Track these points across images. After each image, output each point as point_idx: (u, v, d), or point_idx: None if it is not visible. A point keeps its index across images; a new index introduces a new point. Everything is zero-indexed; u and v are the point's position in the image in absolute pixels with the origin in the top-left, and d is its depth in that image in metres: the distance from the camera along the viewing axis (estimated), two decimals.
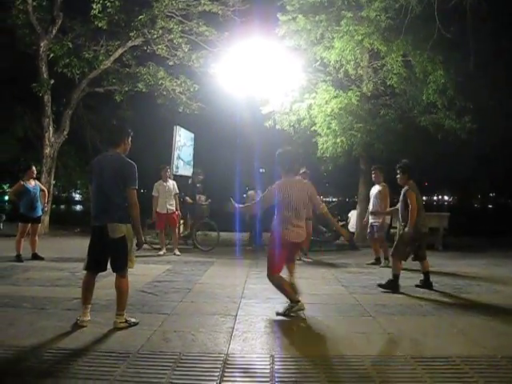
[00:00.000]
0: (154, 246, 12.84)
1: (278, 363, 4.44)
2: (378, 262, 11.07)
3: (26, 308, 6.25)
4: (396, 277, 8.04)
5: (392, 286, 7.96)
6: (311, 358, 4.58)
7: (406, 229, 8.03)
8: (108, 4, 16.17)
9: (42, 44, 16.76)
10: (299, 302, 6.28)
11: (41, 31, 16.71)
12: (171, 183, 12.60)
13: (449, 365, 4.41)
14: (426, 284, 8.26)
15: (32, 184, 10.97)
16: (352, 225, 16.13)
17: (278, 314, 6.22)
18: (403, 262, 8.30)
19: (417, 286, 8.30)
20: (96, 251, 5.53)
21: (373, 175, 11.31)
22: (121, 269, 5.49)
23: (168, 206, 12.35)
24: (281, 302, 6.84)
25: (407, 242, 8.06)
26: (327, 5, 14.52)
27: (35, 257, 10.84)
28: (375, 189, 11.17)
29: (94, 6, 16.11)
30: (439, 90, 13.67)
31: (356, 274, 9.62)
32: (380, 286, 8.06)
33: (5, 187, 39.67)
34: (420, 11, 13.20)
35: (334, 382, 4.05)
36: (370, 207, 11.16)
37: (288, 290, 6.34)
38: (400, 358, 4.59)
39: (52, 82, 17.21)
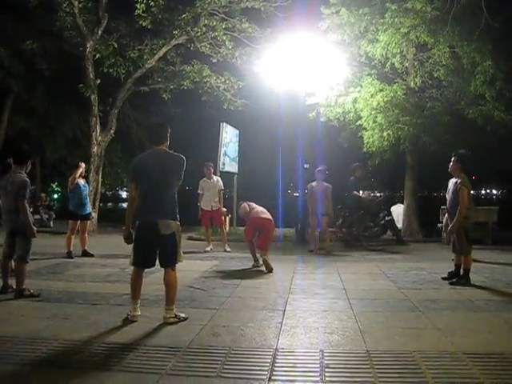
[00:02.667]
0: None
1: (328, 358, 4.40)
2: None
3: (78, 303, 6.40)
4: (467, 271, 7.96)
5: (464, 279, 7.90)
6: (361, 353, 4.54)
7: (451, 224, 7.93)
8: (152, 3, 16.41)
9: (88, 45, 17.07)
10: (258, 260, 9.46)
11: (86, 32, 17.03)
12: (215, 179, 12.60)
13: (503, 362, 4.28)
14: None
15: (82, 181, 11.20)
16: (397, 219, 15.93)
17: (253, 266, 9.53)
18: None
19: (444, 278, 8.24)
20: (144, 247, 5.56)
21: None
22: (170, 263, 5.55)
23: (212, 203, 12.38)
24: (328, 298, 6.83)
25: (466, 235, 7.94)
26: None
27: (85, 253, 11.06)
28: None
29: (138, 6, 16.37)
30: (488, 81, 13.34)
31: (404, 269, 9.47)
32: (452, 283, 7.91)
33: (53, 186, 40.53)
34: (466, 1, 12.90)
35: (385, 377, 3.99)
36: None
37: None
38: (452, 354, 4.48)
39: (98, 82, 17.54)
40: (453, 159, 8.19)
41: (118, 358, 4.37)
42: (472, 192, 8.32)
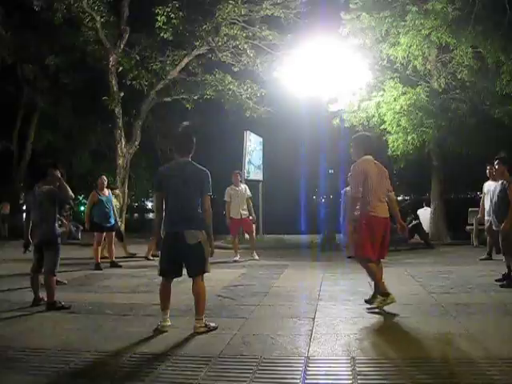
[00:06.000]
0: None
1: (360, 366, 4.36)
2: (490, 257, 10.88)
3: (108, 314, 6.43)
4: None
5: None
6: (393, 360, 4.48)
7: (503, 225, 7.74)
8: (172, 15, 16.51)
9: (111, 58, 17.29)
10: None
11: (109, 46, 17.26)
12: (243, 187, 12.48)
13: None
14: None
15: (106, 194, 11.35)
16: (425, 223, 15.77)
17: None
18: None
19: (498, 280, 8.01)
20: (170, 257, 5.57)
21: (488, 170, 10.87)
22: (198, 273, 5.55)
23: (241, 211, 12.24)
24: (358, 304, 6.76)
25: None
26: (391, 0, 14.24)
27: (113, 265, 11.15)
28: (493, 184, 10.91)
29: (159, 18, 16.49)
30: None
31: (433, 273, 9.36)
32: (502, 286, 7.73)
33: (80, 198, 41.05)
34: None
35: (419, 383, 3.94)
36: (487, 203, 10.94)
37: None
38: (486, 359, 4.39)
39: (122, 94, 17.72)
40: (496, 162, 8.05)
41: (149, 368, 4.39)
42: None
